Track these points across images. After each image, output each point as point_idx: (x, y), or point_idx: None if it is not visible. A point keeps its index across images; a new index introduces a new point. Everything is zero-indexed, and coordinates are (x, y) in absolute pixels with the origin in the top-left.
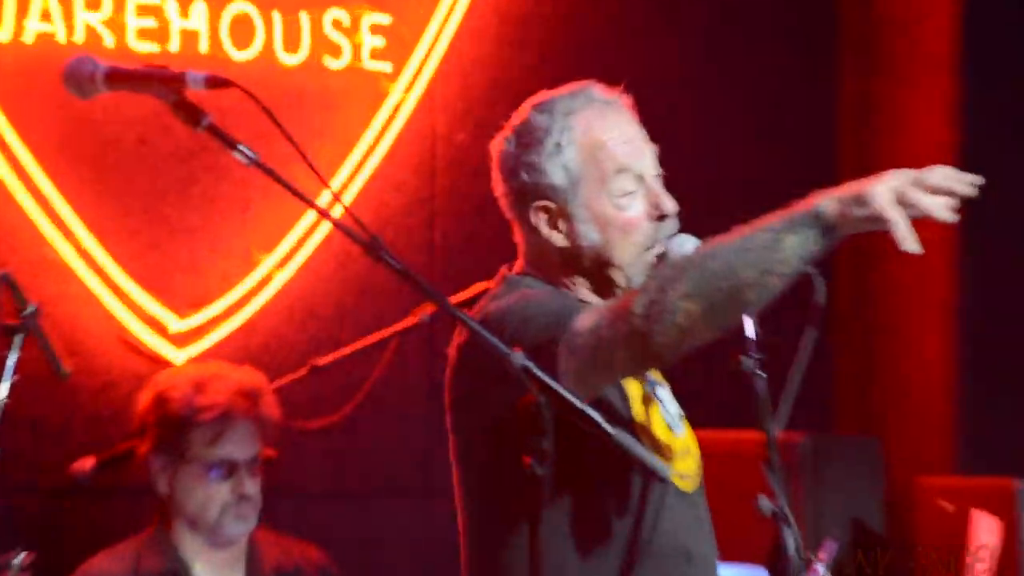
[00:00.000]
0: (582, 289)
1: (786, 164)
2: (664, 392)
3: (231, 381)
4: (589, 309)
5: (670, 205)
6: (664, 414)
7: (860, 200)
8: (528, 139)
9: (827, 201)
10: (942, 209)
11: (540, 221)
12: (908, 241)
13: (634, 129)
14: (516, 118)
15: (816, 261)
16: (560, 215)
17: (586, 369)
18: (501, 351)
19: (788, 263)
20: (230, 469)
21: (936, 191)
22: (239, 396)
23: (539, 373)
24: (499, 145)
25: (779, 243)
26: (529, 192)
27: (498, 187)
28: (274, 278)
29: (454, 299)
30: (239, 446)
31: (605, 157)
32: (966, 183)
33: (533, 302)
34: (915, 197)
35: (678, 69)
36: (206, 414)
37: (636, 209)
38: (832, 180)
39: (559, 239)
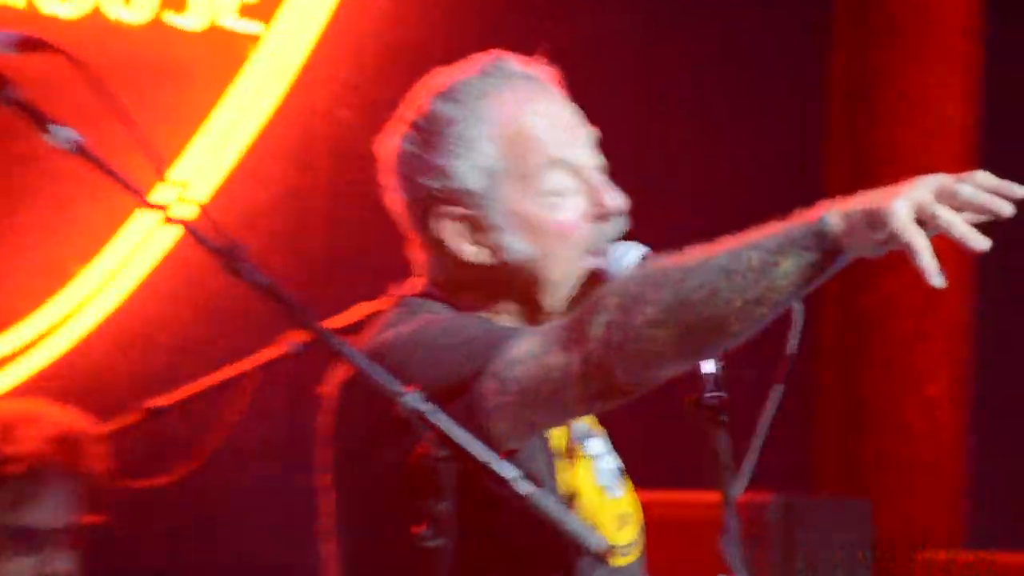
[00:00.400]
0: (504, 315)
1: (766, 149)
2: (598, 442)
3: (44, 425)
4: (525, 332)
5: (616, 201)
6: (598, 470)
7: (874, 218)
8: (430, 135)
9: (833, 216)
10: (971, 235)
11: (451, 234)
12: (932, 274)
13: (566, 110)
14: (412, 108)
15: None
16: (477, 225)
17: (527, 405)
18: (390, 391)
19: (782, 291)
20: (36, 541)
21: (968, 206)
22: (54, 445)
23: (436, 418)
24: (392, 143)
25: (773, 267)
26: (436, 200)
27: (393, 196)
28: (100, 297)
29: (333, 324)
30: (50, 511)
31: (531, 149)
32: (1007, 197)
33: (446, 327)
34: (941, 215)
35: (634, 32)
36: (9, 467)
37: (573, 209)
38: (819, 169)
39: (476, 254)
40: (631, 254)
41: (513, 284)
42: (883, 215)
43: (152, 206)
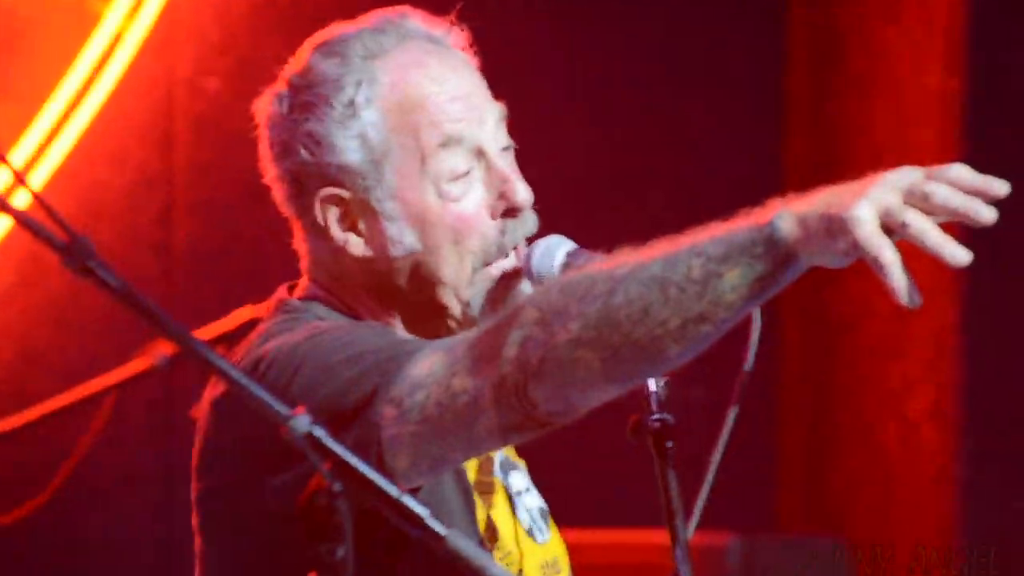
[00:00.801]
0: (399, 324)
1: (714, 123)
2: (519, 476)
3: None
4: (429, 348)
5: (523, 193)
6: (519, 510)
7: (834, 225)
8: (309, 97)
9: (786, 221)
10: (948, 247)
11: (330, 219)
12: (903, 294)
13: (470, 80)
14: (293, 65)
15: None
16: (359, 210)
17: (430, 437)
18: (276, 413)
19: (728, 307)
20: None
21: (943, 210)
22: None
23: (334, 445)
24: (268, 106)
25: (716, 278)
26: (312, 176)
27: (268, 169)
28: None
29: (205, 333)
30: None
31: (425, 122)
32: (988, 196)
33: (336, 339)
34: (911, 223)
35: None
36: None
37: (473, 199)
38: (776, 146)
39: (358, 246)
40: (558, 251)
41: (396, 283)
42: (844, 222)
43: None
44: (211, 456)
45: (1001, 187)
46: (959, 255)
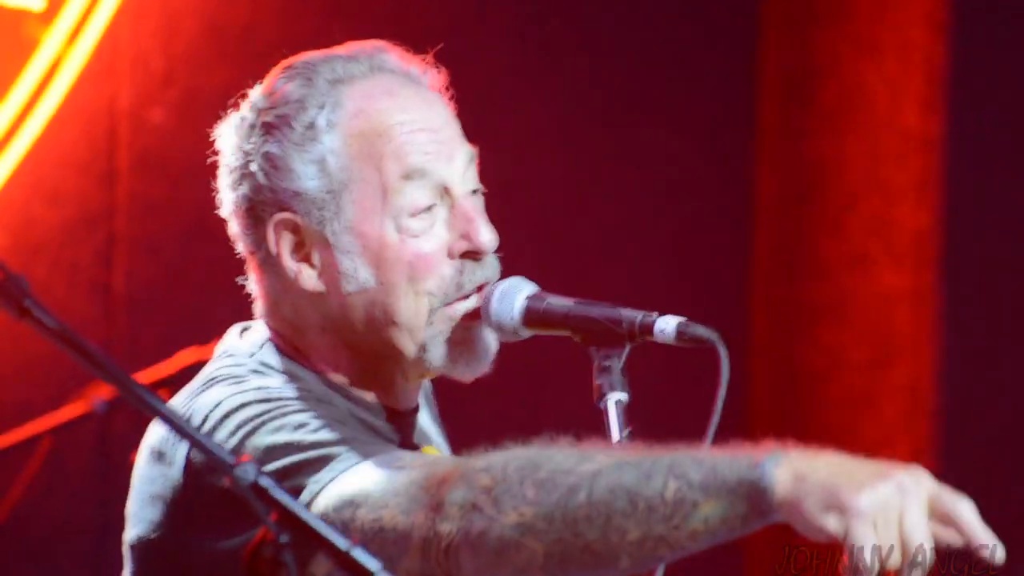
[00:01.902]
0: (341, 374)
1: (683, 154)
2: None
3: None
4: (368, 461)
5: (487, 235)
6: None
7: (834, 502)
8: (269, 118)
9: (784, 475)
10: None
11: (283, 247)
12: None
13: (441, 116)
14: (258, 88)
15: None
16: (314, 240)
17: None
18: (221, 462)
19: (693, 537)
20: None
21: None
22: None
23: (280, 496)
24: (228, 129)
25: (691, 507)
26: (267, 202)
27: (224, 198)
28: None
29: (147, 376)
30: None
31: (389, 152)
32: (983, 552)
33: (279, 411)
34: (912, 542)
35: (525, 17)
36: None
37: (433, 237)
38: (747, 183)
39: (311, 278)
40: (519, 293)
41: (355, 323)
42: (845, 506)
43: None
44: (147, 503)
45: (999, 555)
46: None
